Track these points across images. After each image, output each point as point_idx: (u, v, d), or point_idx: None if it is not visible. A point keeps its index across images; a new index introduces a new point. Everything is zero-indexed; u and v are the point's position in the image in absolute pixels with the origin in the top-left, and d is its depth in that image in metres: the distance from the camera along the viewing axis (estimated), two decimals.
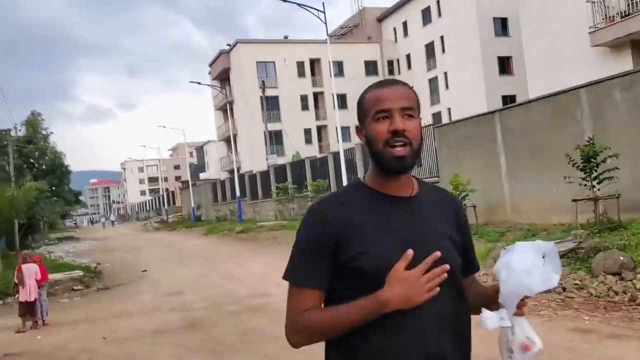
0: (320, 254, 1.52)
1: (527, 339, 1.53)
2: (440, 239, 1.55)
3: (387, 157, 1.52)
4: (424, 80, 46.88)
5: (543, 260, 1.50)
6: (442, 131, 17.27)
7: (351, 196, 1.60)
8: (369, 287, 1.45)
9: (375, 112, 1.53)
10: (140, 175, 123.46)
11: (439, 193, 1.71)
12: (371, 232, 1.51)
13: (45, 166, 43.82)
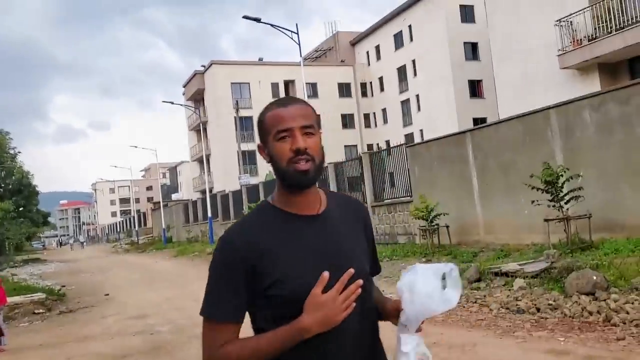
0: (232, 286, 1.52)
1: (424, 354, 1.59)
2: (353, 252, 1.59)
3: (291, 173, 1.54)
4: (396, 102, 47.35)
5: (443, 282, 1.55)
6: (414, 151, 17.25)
7: (260, 219, 1.60)
8: (291, 312, 1.47)
9: (276, 131, 1.56)
10: (111, 196, 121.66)
11: (345, 201, 1.73)
12: (285, 256, 1.52)
13: (11, 186, 42.81)
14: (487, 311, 8.09)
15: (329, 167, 23.09)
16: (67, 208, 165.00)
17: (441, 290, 1.55)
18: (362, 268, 1.58)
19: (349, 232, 1.63)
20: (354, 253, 1.60)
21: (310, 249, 1.54)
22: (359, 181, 21.05)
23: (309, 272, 1.49)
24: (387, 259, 15.41)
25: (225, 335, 1.51)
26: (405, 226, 17.58)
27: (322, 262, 1.51)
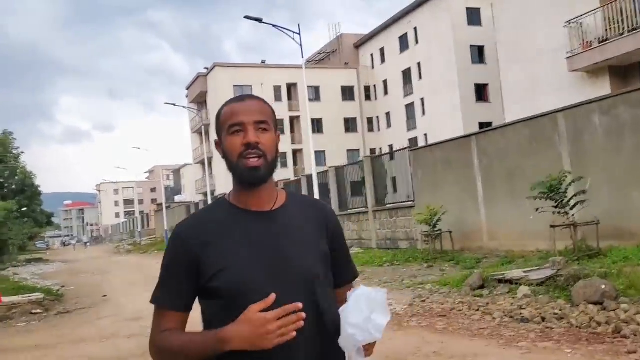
0: (179, 277, 1.54)
1: None
2: (300, 254, 1.56)
3: (241, 168, 1.54)
4: (400, 106, 47.09)
5: (372, 311, 1.49)
6: (418, 155, 17.02)
7: (213, 214, 1.62)
8: (230, 307, 1.47)
9: (229, 125, 1.55)
10: (115, 197, 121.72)
11: (308, 204, 1.71)
12: (230, 249, 1.52)
13: (15, 186, 42.72)
14: (489, 319, 7.83)
15: (330, 171, 22.88)
16: (72, 209, 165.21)
17: (369, 319, 1.49)
18: (308, 271, 1.55)
19: (303, 234, 1.61)
20: (301, 254, 1.56)
21: (257, 243, 1.53)
22: (361, 186, 20.83)
23: (252, 266, 1.50)
24: (388, 265, 15.16)
25: (167, 322, 1.55)
26: (407, 231, 17.34)
27: (263, 258, 1.51)
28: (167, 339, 1.52)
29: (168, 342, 1.51)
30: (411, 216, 16.64)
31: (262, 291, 1.45)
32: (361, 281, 13.17)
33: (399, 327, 7.99)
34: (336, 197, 22.18)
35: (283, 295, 1.44)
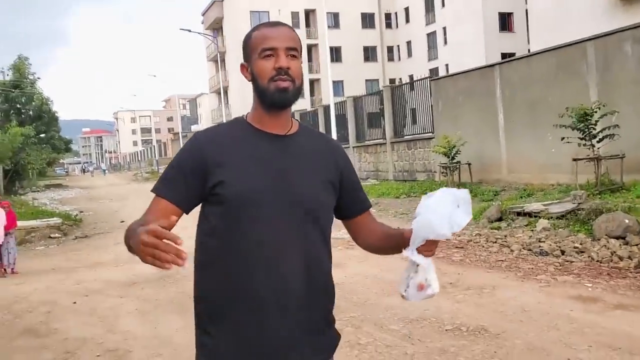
0: (186, 175, 1.59)
1: (426, 280, 1.60)
2: (308, 178, 1.61)
3: (271, 90, 1.57)
4: (422, 34, 45.73)
5: (456, 208, 1.54)
6: (439, 85, 16.55)
7: (231, 130, 1.67)
8: (231, 215, 1.55)
9: (261, 49, 1.58)
10: (132, 125, 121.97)
11: (319, 138, 1.76)
12: (239, 163, 1.57)
13: (32, 112, 42.68)
14: (507, 252, 7.73)
15: (348, 101, 22.42)
16: (90, 136, 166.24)
17: (451, 214, 1.54)
18: (309, 196, 1.60)
19: (311, 162, 1.66)
20: (305, 180, 1.61)
21: (265, 161, 1.59)
22: (379, 117, 20.47)
23: (251, 180, 1.56)
24: (404, 196, 15.04)
25: (154, 211, 1.57)
26: (424, 163, 17.11)
27: (268, 177, 1.57)
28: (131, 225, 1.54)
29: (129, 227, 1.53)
30: (430, 148, 16.37)
31: (261, 206, 1.55)
32: (377, 212, 13.09)
33: None
34: (353, 128, 21.86)
35: (281, 214, 1.56)
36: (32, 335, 5.56)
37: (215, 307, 1.58)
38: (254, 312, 1.55)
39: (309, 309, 1.60)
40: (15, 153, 30.80)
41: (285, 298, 1.55)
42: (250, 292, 1.55)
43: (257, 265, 1.54)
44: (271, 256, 1.54)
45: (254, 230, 1.55)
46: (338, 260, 8.09)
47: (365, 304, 5.73)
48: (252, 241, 1.54)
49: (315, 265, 1.62)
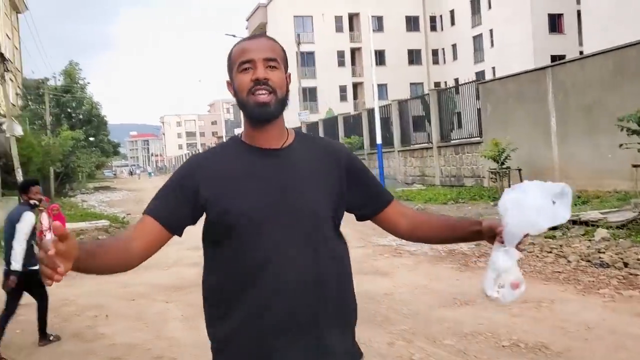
0: (176, 195, 1.56)
1: (518, 278, 1.55)
2: (309, 190, 1.56)
3: (250, 104, 1.53)
4: (468, 37, 45.00)
5: (553, 202, 1.50)
6: (487, 88, 16.15)
7: (223, 148, 1.66)
8: (232, 236, 1.52)
9: (239, 63, 1.55)
10: (178, 129, 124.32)
11: (318, 145, 1.70)
12: (227, 179, 1.55)
13: (82, 116, 43.83)
14: (564, 263, 7.37)
15: (392, 104, 22.15)
16: (137, 139, 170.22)
17: (551, 207, 1.50)
18: (310, 208, 1.55)
19: (311, 172, 1.60)
20: (306, 192, 1.56)
21: (259, 179, 1.54)
22: (424, 121, 20.14)
23: (253, 200, 1.52)
24: (452, 202, 14.69)
25: (143, 227, 1.55)
26: (472, 168, 16.70)
27: (267, 193, 1.53)
28: (123, 236, 1.56)
29: (122, 237, 1.56)
30: (478, 153, 15.97)
31: (263, 226, 1.50)
32: None
33: (466, 268, 7.65)
34: (398, 132, 21.57)
35: (284, 233, 1.51)
36: (80, 340, 5.55)
37: (223, 330, 1.57)
38: (260, 339, 1.51)
39: (320, 329, 1.53)
40: (66, 156, 31.66)
41: (293, 320, 1.50)
42: (255, 316, 1.51)
43: (264, 287, 1.50)
44: (278, 277, 1.50)
45: (257, 250, 1.51)
46: (385, 269, 7.91)
47: (416, 316, 5.52)
48: (257, 263, 1.50)
49: (327, 281, 1.55)
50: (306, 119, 34.27)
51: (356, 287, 1.72)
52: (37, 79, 39.87)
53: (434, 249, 9.19)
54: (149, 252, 1.55)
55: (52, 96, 39.21)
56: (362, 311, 5.67)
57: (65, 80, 42.71)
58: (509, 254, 1.54)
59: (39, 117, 38.37)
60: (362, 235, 11.31)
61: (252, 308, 1.51)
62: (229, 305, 1.54)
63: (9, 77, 18.87)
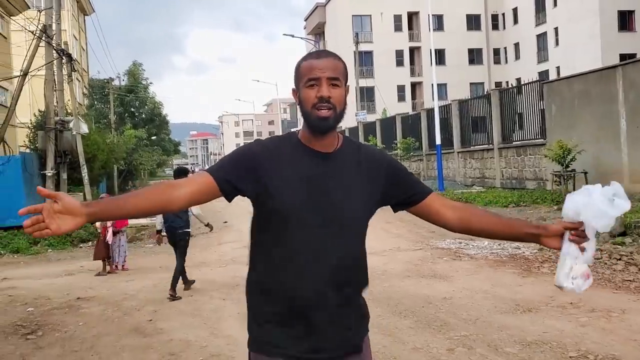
0: (239, 169, 1.77)
1: (588, 268, 1.76)
2: (348, 194, 1.79)
3: (313, 118, 1.76)
4: (531, 36, 43.74)
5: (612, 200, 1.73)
6: (552, 88, 15.57)
7: (284, 143, 1.85)
8: (274, 221, 1.78)
9: (307, 79, 1.77)
10: (236, 129, 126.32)
11: (366, 151, 1.92)
12: (286, 177, 1.76)
13: (144, 115, 45.16)
14: (635, 271, 6.99)
15: (452, 104, 21.71)
16: (197, 138, 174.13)
17: (612, 202, 1.73)
18: (346, 210, 1.78)
19: (352, 175, 1.83)
20: (345, 195, 1.79)
21: (308, 178, 1.77)
22: (484, 121, 19.65)
23: (295, 195, 1.75)
24: (513, 205, 14.26)
25: (199, 179, 1.77)
26: (535, 171, 16.17)
27: (311, 192, 1.75)
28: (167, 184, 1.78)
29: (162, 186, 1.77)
30: (541, 155, 15.44)
31: (301, 219, 1.74)
32: None
33: (529, 273, 7.37)
34: (458, 132, 21.14)
35: (318, 228, 1.74)
36: (139, 334, 5.65)
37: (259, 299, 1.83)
38: (285, 313, 1.77)
39: (339, 311, 1.79)
40: (129, 154, 32.67)
41: (318, 301, 1.75)
42: (281, 293, 1.77)
43: (292, 271, 1.76)
44: (303, 264, 1.75)
45: (293, 239, 1.75)
46: (444, 272, 7.72)
47: (477, 322, 5.33)
48: (290, 249, 1.76)
49: (347, 272, 1.80)
50: (363, 118, 34.11)
51: (414, 290, 1.71)
52: (103, 79, 41.35)
53: (495, 253, 8.91)
54: (193, 200, 1.75)
55: (116, 96, 40.55)
56: (420, 315, 5.56)
57: (129, 81, 44.09)
58: (592, 245, 1.77)
59: (104, 116, 39.78)
60: (420, 237, 11.12)
61: (280, 292, 1.77)
62: (270, 281, 1.79)
63: (76, 77, 19.58)
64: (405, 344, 4.85)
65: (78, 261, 11.42)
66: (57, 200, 1.51)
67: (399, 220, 13.57)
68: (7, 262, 11.91)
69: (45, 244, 13.34)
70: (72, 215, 1.51)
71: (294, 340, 1.76)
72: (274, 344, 1.78)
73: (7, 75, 20.90)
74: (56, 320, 6.32)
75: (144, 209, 1.69)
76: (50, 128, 15.68)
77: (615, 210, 1.72)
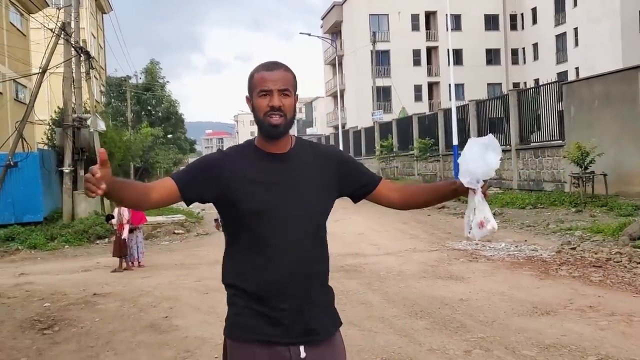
0: (203, 176, 1.98)
1: (484, 218, 1.94)
2: (305, 190, 1.98)
3: (265, 124, 1.97)
4: (550, 36, 43.33)
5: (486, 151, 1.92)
6: (571, 89, 15.40)
7: (243, 150, 2.06)
8: (241, 221, 1.96)
9: (260, 90, 1.97)
10: (251, 128, 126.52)
11: (319, 149, 2.14)
12: (247, 180, 1.96)
13: (161, 113, 45.33)
14: None
15: (470, 105, 21.55)
16: (212, 137, 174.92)
17: (483, 156, 1.91)
18: (307, 198, 1.97)
19: (306, 171, 2.02)
20: (303, 190, 1.97)
21: (267, 178, 1.96)
22: (502, 122, 19.48)
23: (257, 196, 1.93)
24: (530, 207, 14.12)
25: (163, 183, 1.98)
26: (553, 172, 15.99)
27: (272, 191, 1.94)
28: (143, 185, 1.99)
29: (142, 185, 1.98)
30: (559, 156, 15.28)
31: (265, 216, 1.92)
32: (500, 223, 12.38)
33: (546, 275, 7.28)
34: (475, 133, 20.97)
35: (283, 223, 1.92)
36: (155, 331, 5.66)
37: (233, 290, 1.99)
38: (256, 302, 1.93)
39: (308, 296, 1.95)
40: (145, 152, 32.85)
41: (287, 288, 1.92)
42: (253, 283, 1.93)
43: (261, 262, 1.92)
44: (271, 255, 1.92)
45: (266, 237, 1.92)
46: (460, 273, 7.65)
47: (494, 325, 5.27)
48: (260, 243, 1.93)
49: (311, 260, 1.98)
50: (379, 118, 33.99)
51: (430, 291, 1.71)
52: (120, 77, 41.62)
53: (512, 254, 8.82)
54: (160, 203, 1.96)
55: (133, 94, 40.80)
56: (436, 316, 5.51)
57: (147, 79, 44.32)
58: (477, 196, 1.94)
59: (121, 113, 40.03)
60: (436, 238, 11.05)
61: (251, 282, 1.93)
62: (242, 272, 1.96)
63: (94, 74, 19.73)
64: (422, 345, 4.81)
65: (94, 257, 11.49)
66: (106, 166, 1.70)
67: (414, 221, 13.51)
68: (25, 257, 12.03)
69: (62, 240, 13.45)
70: (105, 182, 1.68)
71: (266, 325, 1.92)
72: (248, 330, 1.93)
73: (26, 72, 21.14)
74: (72, 316, 6.36)
75: (129, 201, 1.93)
76: (68, 125, 15.79)
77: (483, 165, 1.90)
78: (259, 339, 1.92)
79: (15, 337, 5.61)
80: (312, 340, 1.95)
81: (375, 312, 5.94)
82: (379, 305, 6.22)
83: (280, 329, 1.91)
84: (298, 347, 1.93)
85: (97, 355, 4.99)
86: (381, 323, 5.50)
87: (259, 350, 1.92)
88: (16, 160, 14.74)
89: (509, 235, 10.73)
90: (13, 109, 20.99)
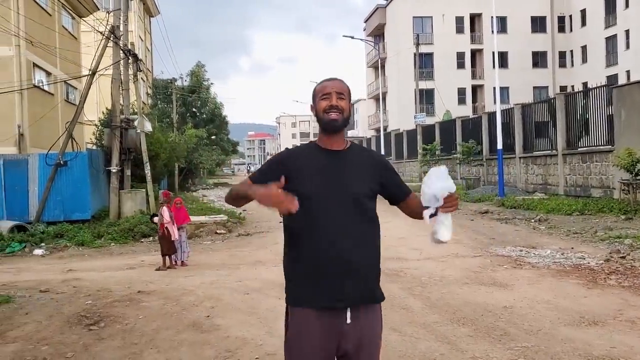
0: (271, 172, 2.40)
1: (434, 230, 2.45)
2: (354, 180, 2.40)
3: (325, 119, 2.41)
4: (599, 39, 42.14)
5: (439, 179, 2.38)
6: (622, 92, 14.94)
7: (304, 148, 2.53)
8: (304, 206, 2.25)
9: (321, 95, 2.45)
10: (292, 130, 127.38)
11: (367, 153, 2.57)
12: (308, 171, 2.39)
13: (205, 115, 46.01)
14: None
15: (515, 109, 21.14)
16: (254, 139, 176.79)
17: (436, 184, 2.36)
18: (357, 192, 2.38)
19: (358, 169, 2.42)
20: (354, 180, 2.39)
21: (324, 169, 2.38)
22: (547, 126, 19.04)
23: (316, 184, 2.35)
24: (577, 214, 13.75)
25: (247, 184, 2.44)
26: (601, 178, 15.53)
27: (328, 179, 2.37)
28: (236, 185, 2.51)
29: (235, 186, 2.52)
30: (608, 162, 14.83)
31: (323, 201, 2.32)
32: (546, 229, 12.10)
33: (594, 285, 7.06)
34: (520, 137, 20.56)
35: (337, 207, 2.32)
36: (197, 330, 5.73)
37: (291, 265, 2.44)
38: (311, 273, 2.32)
39: (360, 273, 2.33)
40: (190, 153, 33.38)
41: (342, 266, 2.29)
42: (308, 257, 2.32)
43: (321, 242, 2.30)
44: (323, 233, 2.30)
45: (319, 217, 2.31)
46: (504, 280, 7.49)
47: (539, 334, 5.14)
48: (312, 222, 2.31)
49: (364, 241, 2.37)
50: (422, 121, 33.70)
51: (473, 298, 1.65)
52: (166, 80, 42.44)
53: (558, 262, 8.60)
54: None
55: (179, 96, 41.54)
56: (479, 324, 5.40)
57: (192, 81, 45.07)
58: (427, 212, 2.41)
59: (167, 115, 40.80)
60: (479, 244, 10.87)
61: (307, 256, 2.33)
62: (298, 249, 2.36)
63: (141, 77, 20.16)
64: (464, 352, 4.73)
65: (139, 255, 11.73)
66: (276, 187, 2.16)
67: (458, 226, 13.30)
68: (73, 254, 12.37)
69: (108, 237, 13.79)
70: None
71: (320, 294, 2.30)
72: (304, 298, 2.33)
73: (77, 74, 21.78)
74: (117, 313, 6.50)
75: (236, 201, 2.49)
76: (115, 126, 16.19)
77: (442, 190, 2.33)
78: (313, 305, 2.31)
79: (63, 332, 5.76)
80: (357, 306, 2.33)
81: (417, 317, 5.87)
82: (420, 310, 6.15)
83: (332, 295, 2.29)
84: (345, 311, 2.31)
85: (140, 352, 5.08)
86: (423, 329, 5.44)
87: (313, 315, 2.31)
88: (66, 159, 15.20)
89: (554, 242, 10.47)
90: (64, 109, 21.65)
